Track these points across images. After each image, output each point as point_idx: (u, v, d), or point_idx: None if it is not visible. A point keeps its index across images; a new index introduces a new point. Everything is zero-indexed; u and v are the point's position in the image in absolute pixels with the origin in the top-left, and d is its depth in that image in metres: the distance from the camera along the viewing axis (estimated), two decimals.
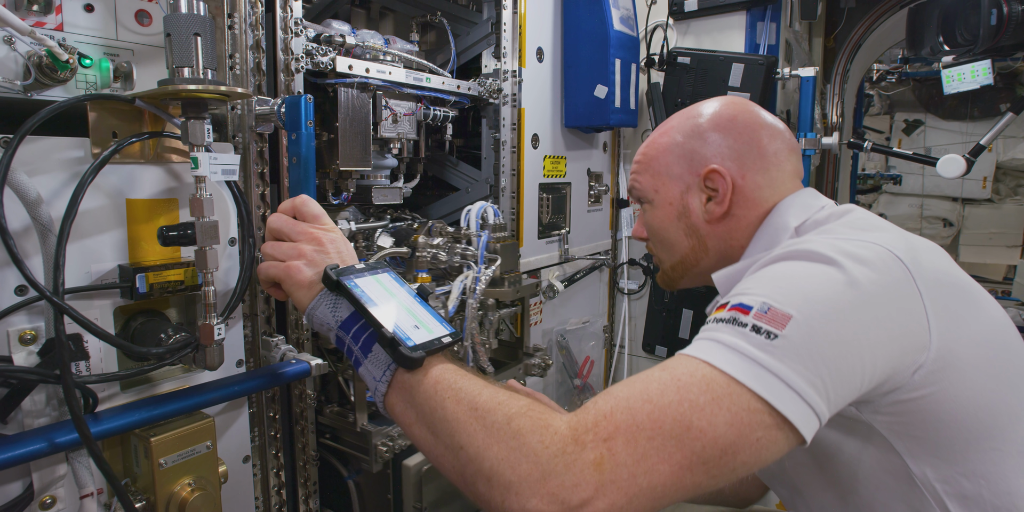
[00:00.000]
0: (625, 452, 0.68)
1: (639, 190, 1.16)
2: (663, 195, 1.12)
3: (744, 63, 2.21)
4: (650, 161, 1.14)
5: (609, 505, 0.66)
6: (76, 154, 0.93)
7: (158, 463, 0.96)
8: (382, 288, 0.92)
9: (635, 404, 0.71)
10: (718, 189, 1.06)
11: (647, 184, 1.14)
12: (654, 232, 1.17)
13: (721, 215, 1.06)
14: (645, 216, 1.18)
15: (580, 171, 2.29)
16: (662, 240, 1.16)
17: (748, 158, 1.06)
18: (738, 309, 0.78)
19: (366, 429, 1.35)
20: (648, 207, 1.16)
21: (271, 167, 1.24)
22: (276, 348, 1.22)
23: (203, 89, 0.85)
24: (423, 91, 1.67)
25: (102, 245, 0.97)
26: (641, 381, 0.74)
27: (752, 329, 0.75)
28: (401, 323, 0.85)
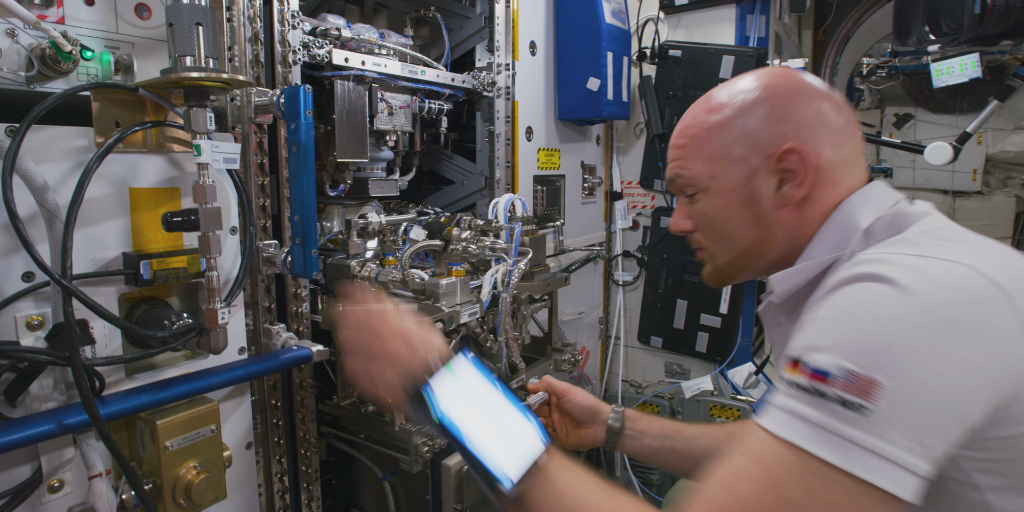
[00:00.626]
0: None
1: (688, 178, 1.01)
2: (723, 181, 0.98)
3: (734, 55, 2.24)
4: (701, 144, 0.99)
5: None
6: (80, 143, 0.95)
7: (164, 446, 0.98)
8: (468, 397, 0.89)
9: (728, 503, 0.70)
10: (795, 170, 0.93)
11: (700, 170, 0.99)
12: (710, 223, 1.02)
13: (799, 200, 0.94)
14: (694, 206, 1.03)
15: (574, 164, 2.31)
16: (719, 232, 1.02)
17: (821, 133, 0.94)
18: (818, 378, 0.71)
19: (405, 428, 1.31)
20: (701, 196, 1.01)
21: (270, 158, 1.26)
22: (277, 336, 1.24)
23: (205, 77, 0.87)
24: (418, 84, 1.69)
25: (106, 233, 0.98)
26: (732, 477, 0.72)
27: (838, 402, 0.69)
28: (494, 451, 0.84)
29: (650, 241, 2.52)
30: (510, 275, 1.46)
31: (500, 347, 1.52)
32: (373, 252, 1.48)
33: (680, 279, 2.44)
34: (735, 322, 2.37)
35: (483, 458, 0.83)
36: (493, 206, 1.62)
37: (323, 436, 1.50)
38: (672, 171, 1.04)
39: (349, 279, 1.41)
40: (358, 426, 1.41)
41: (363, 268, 1.38)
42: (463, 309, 1.36)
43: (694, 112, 1.02)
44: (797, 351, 0.76)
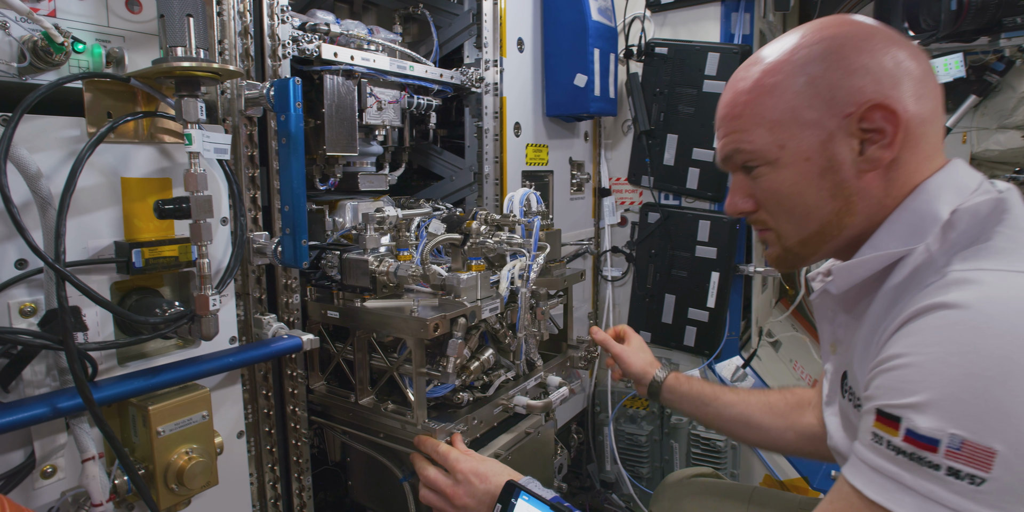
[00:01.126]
0: None
1: (750, 152, 0.91)
2: (794, 150, 0.87)
3: (719, 52, 2.27)
4: (763, 111, 0.88)
5: None
6: (72, 133, 0.96)
7: (156, 431, 0.99)
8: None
9: None
10: (882, 129, 0.83)
11: (764, 141, 0.89)
12: (779, 200, 0.92)
13: (888, 162, 0.84)
14: (757, 182, 0.93)
15: (562, 160, 2.34)
16: (791, 209, 0.91)
17: (903, 84, 0.82)
18: (925, 447, 0.64)
19: (428, 426, 1.29)
20: (766, 170, 0.91)
21: (260, 150, 1.28)
22: (268, 326, 1.25)
23: (196, 67, 0.89)
24: (407, 79, 1.71)
25: (98, 222, 1.00)
26: None
27: (948, 473, 0.63)
28: None
29: (638, 237, 2.54)
30: (529, 270, 1.44)
31: (520, 343, 1.50)
32: (386, 248, 1.46)
33: (668, 274, 2.47)
34: (722, 316, 2.40)
35: None
36: (508, 200, 1.60)
37: (339, 435, 1.48)
38: (729, 147, 0.94)
39: (365, 274, 1.35)
40: (377, 426, 1.38)
41: (381, 263, 1.36)
42: (484, 304, 1.35)
43: (746, 77, 0.91)
44: (892, 404, 0.68)
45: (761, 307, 2.69)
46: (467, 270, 1.37)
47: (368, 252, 1.38)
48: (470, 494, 1.14)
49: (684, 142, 2.37)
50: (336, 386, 1.52)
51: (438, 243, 1.39)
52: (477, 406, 1.41)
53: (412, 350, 1.27)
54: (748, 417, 1.40)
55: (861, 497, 0.69)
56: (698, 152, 2.35)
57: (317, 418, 1.48)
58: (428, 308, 1.27)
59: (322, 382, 1.52)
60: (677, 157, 2.39)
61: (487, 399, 1.44)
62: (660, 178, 2.44)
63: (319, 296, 1.45)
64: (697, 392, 1.46)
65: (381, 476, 1.44)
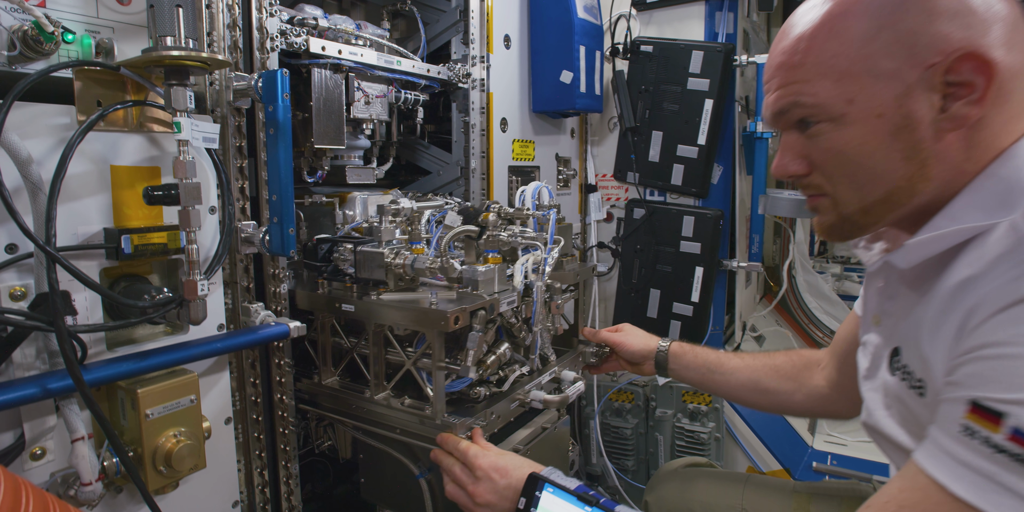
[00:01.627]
0: None
1: (812, 106, 0.81)
2: (865, 105, 0.77)
3: (703, 50, 2.31)
4: (830, 59, 0.78)
5: None
6: (63, 121, 0.98)
7: (145, 414, 1.01)
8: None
9: None
10: (970, 83, 0.73)
11: (829, 94, 0.79)
12: (843, 161, 0.82)
13: (974, 121, 0.74)
14: (815, 141, 0.83)
15: (548, 156, 2.37)
16: (855, 171, 0.81)
17: (993, 30, 0.73)
18: (1017, 438, 0.60)
19: (448, 421, 1.27)
20: (828, 127, 0.81)
21: (249, 141, 1.30)
22: (256, 314, 1.27)
23: (186, 56, 0.91)
24: (394, 74, 1.73)
25: (88, 209, 1.02)
26: None
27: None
28: None
29: (624, 232, 2.58)
30: (545, 263, 1.42)
31: (535, 338, 1.49)
32: (397, 241, 1.44)
33: (653, 269, 2.50)
34: (706, 310, 2.44)
35: None
36: (520, 193, 1.57)
37: (352, 431, 1.47)
38: (784, 100, 0.83)
39: (381, 266, 1.33)
40: (394, 421, 1.36)
41: (397, 255, 1.34)
42: (502, 297, 1.33)
43: (810, 20, 0.80)
44: (994, 398, 0.64)
45: (745, 302, 2.73)
46: (483, 263, 1.36)
47: (383, 245, 1.38)
48: (491, 491, 1.13)
49: (669, 139, 2.40)
50: (349, 381, 1.50)
51: (456, 235, 1.38)
52: (494, 401, 1.39)
53: (432, 343, 1.26)
54: (756, 382, 1.41)
55: (943, 491, 0.65)
56: (682, 149, 2.38)
57: (328, 414, 1.46)
58: (447, 301, 1.26)
59: (335, 377, 1.50)
60: (662, 154, 2.42)
61: (503, 394, 1.42)
62: (645, 174, 2.47)
63: (332, 288, 1.44)
64: (702, 360, 1.48)
65: (395, 473, 1.41)
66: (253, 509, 1.38)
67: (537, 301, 1.41)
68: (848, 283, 5.78)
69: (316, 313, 1.46)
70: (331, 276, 1.42)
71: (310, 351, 1.52)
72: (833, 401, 1.32)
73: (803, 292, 3.57)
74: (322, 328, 1.47)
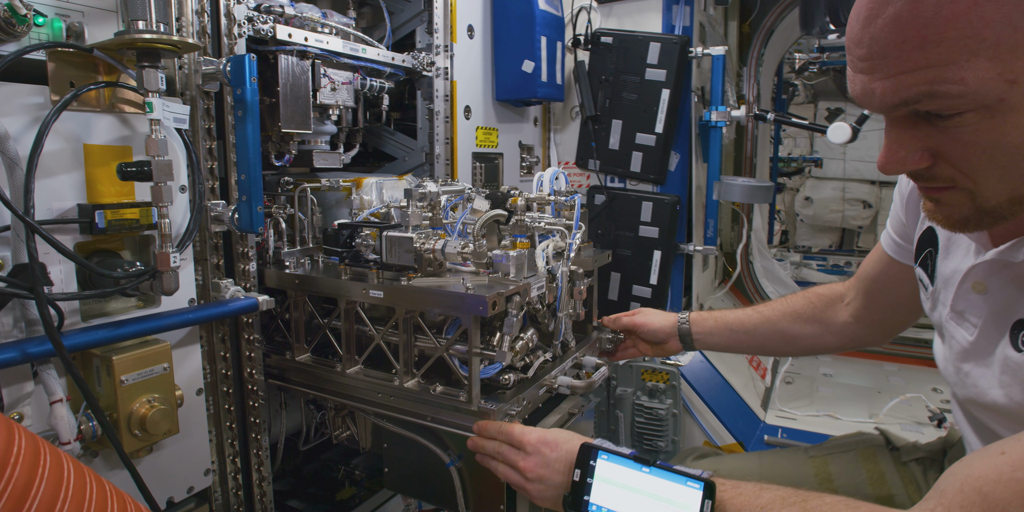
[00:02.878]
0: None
1: (960, 95, 0.63)
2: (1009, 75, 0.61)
3: (660, 42, 2.40)
4: (981, 29, 0.59)
5: None
6: (37, 100, 1.02)
7: (120, 380, 1.06)
8: (617, 492, 0.98)
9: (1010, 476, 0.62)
10: None
11: (984, 75, 0.61)
12: (995, 153, 0.67)
13: None
14: (957, 133, 0.68)
15: (512, 143, 2.44)
16: (1010, 165, 0.68)
17: None
18: None
19: (485, 408, 1.26)
20: (976, 118, 0.65)
21: (217, 124, 1.35)
22: (226, 289, 1.33)
23: (157, 39, 0.96)
24: (359, 61, 1.78)
25: (63, 185, 1.06)
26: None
27: None
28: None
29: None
30: (570, 248, 1.41)
31: (560, 323, 1.48)
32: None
33: (613, 253, 2.59)
34: (664, 292, 2.54)
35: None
36: (538, 179, 1.55)
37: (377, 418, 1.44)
38: (913, 90, 0.65)
39: (410, 252, 1.31)
40: (425, 409, 1.34)
41: (427, 240, 1.32)
42: (532, 283, 1.32)
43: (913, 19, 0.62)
44: None
45: (702, 284, 2.84)
46: (513, 248, 1.34)
47: (411, 229, 1.37)
48: (543, 464, 1.10)
49: (628, 127, 2.49)
50: (370, 368, 1.48)
51: (488, 220, 1.36)
52: (522, 388, 1.37)
53: (469, 329, 1.24)
54: (781, 332, 1.43)
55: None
56: (641, 137, 2.47)
57: (351, 402, 1.45)
58: (481, 286, 1.25)
59: (359, 366, 1.48)
60: (622, 141, 2.51)
61: (530, 381, 1.40)
62: (606, 162, 2.56)
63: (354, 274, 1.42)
64: (723, 323, 1.50)
65: (423, 462, 1.38)
66: (224, 478, 1.44)
67: (562, 287, 1.40)
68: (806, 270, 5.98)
69: (339, 300, 1.43)
70: (352, 262, 1.41)
71: (331, 338, 1.49)
72: (864, 334, 1.36)
73: (760, 277, 3.70)
74: (346, 315, 1.44)
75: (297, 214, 1.61)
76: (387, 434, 1.43)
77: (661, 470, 0.99)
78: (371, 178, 1.71)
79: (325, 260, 1.60)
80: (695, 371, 2.61)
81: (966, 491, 0.64)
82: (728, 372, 2.69)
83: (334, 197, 1.77)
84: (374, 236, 1.40)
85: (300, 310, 1.52)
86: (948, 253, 0.98)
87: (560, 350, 1.55)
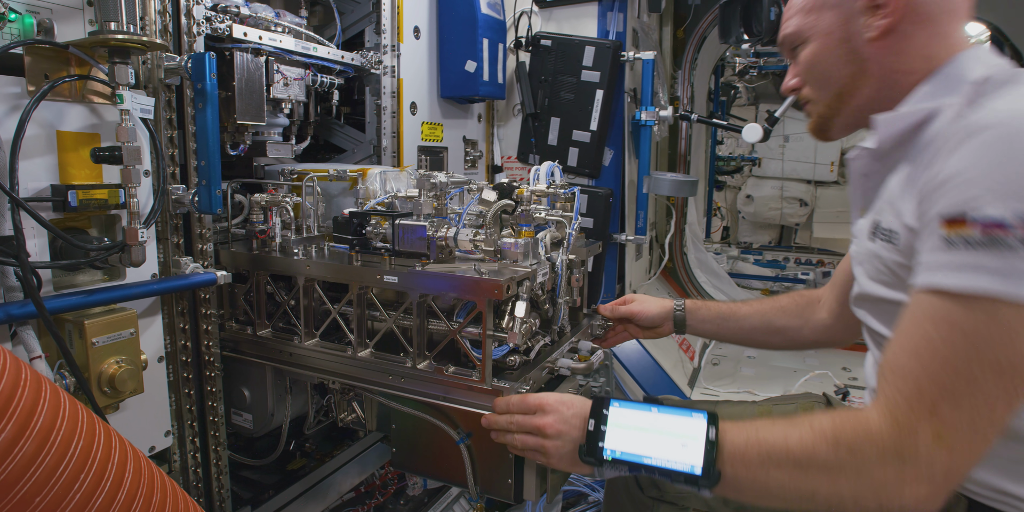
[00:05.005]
0: (952, 407, 0.74)
1: (794, 34, 1.15)
2: (821, 26, 1.10)
3: (595, 46, 2.59)
4: (802, 3, 1.14)
5: (961, 463, 0.76)
6: (13, 90, 1.14)
7: (91, 342, 1.19)
8: (632, 433, 1.04)
9: (931, 369, 0.77)
10: (887, 5, 1.01)
11: (803, 23, 1.13)
12: (811, 68, 1.13)
13: (887, 29, 1.01)
14: (800, 60, 1.15)
15: (456, 138, 2.60)
16: (819, 75, 1.12)
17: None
18: (994, 227, 0.75)
19: (498, 386, 1.31)
20: (802, 48, 1.14)
21: (177, 115, 1.47)
22: (185, 265, 1.46)
23: (129, 39, 1.09)
24: (311, 59, 1.92)
25: (38, 168, 1.18)
26: (925, 345, 0.79)
27: (1022, 242, 0.73)
28: (675, 456, 0.97)
29: None
30: (569, 238, 1.50)
31: (559, 310, 1.55)
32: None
33: None
34: (599, 279, 2.74)
35: (667, 466, 0.97)
36: (535, 172, 1.62)
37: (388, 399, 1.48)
38: (783, 33, 1.18)
39: (422, 239, 1.37)
40: (437, 389, 1.40)
41: (439, 229, 1.38)
42: (538, 269, 1.38)
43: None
44: (954, 207, 0.79)
45: (634, 272, 3.06)
46: (519, 236, 1.41)
47: (422, 218, 1.45)
48: (561, 421, 1.15)
49: (565, 124, 2.68)
50: (386, 351, 1.52)
51: (499, 209, 1.42)
52: (526, 370, 1.42)
53: (484, 312, 1.30)
54: (768, 323, 1.59)
55: (945, 297, 0.78)
56: (577, 134, 2.67)
57: (360, 384, 1.51)
58: (493, 272, 1.31)
59: (368, 350, 1.52)
60: (559, 138, 2.70)
61: (532, 363, 1.46)
62: (545, 156, 2.73)
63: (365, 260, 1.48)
64: (716, 312, 1.65)
65: (431, 441, 1.43)
66: (183, 441, 1.56)
67: (562, 274, 1.48)
68: (741, 263, 6.30)
69: (351, 286, 1.48)
70: (362, 249, 1.48)
71: (341, 324, 1.55)
72: (835, 330, 1.50)
73: (693, 268, 3.95)
74: (358, 300, 1.50)
75: (304, 203, 1.69)
76: (396, 415, 1.48)
77: (668, 407, 1.07)
78: (375, 169, 1.78)
79: (331, 249, 1.64)
80: (627, 352, 2.82)
81: (892, 381, 0.82)
82: (658, 354, 2.91)
83: (337, 187, 1.85)
84: (383, 224, 1.48)
85: (309, 297, 1.58)
86: None
87: (557, 335, 1.62)
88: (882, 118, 1.02)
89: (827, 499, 0.85)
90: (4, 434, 0.71)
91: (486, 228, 1.37)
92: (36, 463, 0.74)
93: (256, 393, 1.75)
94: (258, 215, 1.65)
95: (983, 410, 0.76)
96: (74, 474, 0.77)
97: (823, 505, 0.86)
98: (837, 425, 0.85)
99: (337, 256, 1.57)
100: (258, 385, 1.74)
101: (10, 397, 0.73)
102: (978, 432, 0.76)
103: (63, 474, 0.76)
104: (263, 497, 1.91)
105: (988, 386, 0.75)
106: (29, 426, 0.74)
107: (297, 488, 1.98)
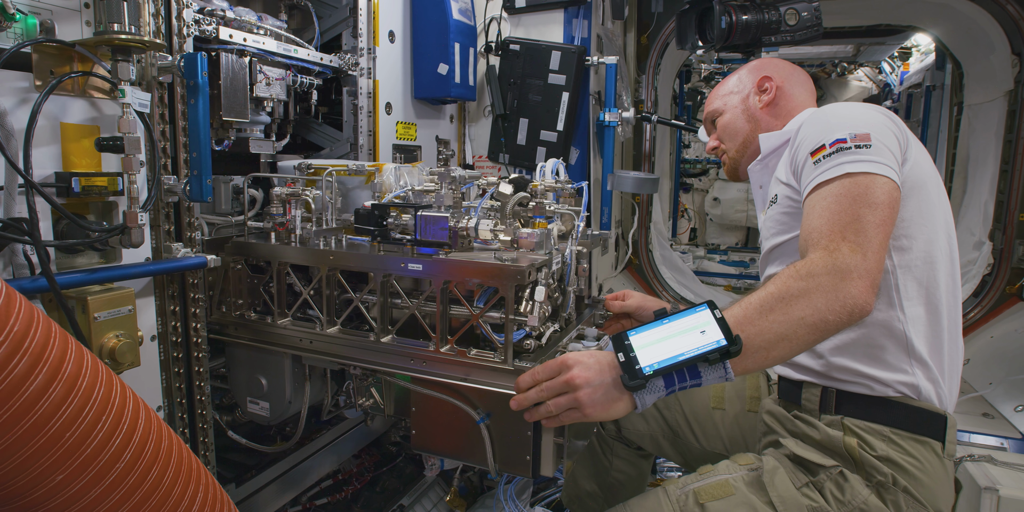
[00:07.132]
0: (855, 233, 1.16)
1: (715, 110, 1.74)
2: (731, 103, 1.70)
3: (561, 51, 2.74)
4: (718, 91, 1.75)
5: (873, 263, 1.13)
6: (23, 84, 1.25)
7: (94, 316, 1.29)
8: (654, 346, 1.16)
9: (833, 219, 1.19)
10: (768, 88, 1.64)
11: (719, 103, 1.73)
12: (724, 129, 1.71)
13: (769, 101, 1.63)
14: (718, 126, 1.73)
15: (429, 137, 2.73)
16: (730, 132, 1.70)
17: (783, 75, 1.66)
18: (838, 143, 1.27)
19: (520, 366, 1.36)
20: (721, 118, 1.72)
21: (169, 110, 1.58)
22: (177, 251, 1.56)
23: (131, 39, 1.20)
24: (291, 60, 2.04)
25: (43, 156, 1.28)
26: (824, 210, 1.21)
27: (856, 148, 1.25)
28: (700, 342, 1.13)
29: None
30: (577, 229, 1.60)
31: (568, 298, 1.64)
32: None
33: None
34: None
35: (699, 352, 1.11)
36: (540, 169, 1.71)
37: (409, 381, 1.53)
38: (705, 113, 1.81)
39: (444, 230, 1.43)
40: (460, 371, 1.46)
41: (461, 219, 1.44)
42: (553, 258, 1.46)
43: (717, 88, 1.78)
44: (814, 145, 1.31)
45: (601, 267, 3.21)
46: (533, 227, 1.49)
47: (444, 209, 1.51)
48: (585, 368, 1.18)
49: (533, 125, 2.83)
50: (404, 337, 1.58)
51: (516, 202, 1.50)
52: (539, 353, 1.47)
53: (507, 297, 1.36)
54: None
55: (828, 183, 1.24)
56: (545, 134, 2.81)
57: (382, 368, 1.56)
58: (514, 260, 1.39)
59: (391, 336, 1.58)
60: (528, 138, 2.85)
61: (545, 347, 1.51)
62: (514, 156, 2.88)
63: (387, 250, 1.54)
64: None
65: (451, 422, 1.47)
66: (172, 417, 1.66)
67: (571, 264, 1.58)
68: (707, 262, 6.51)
69: (375, 275, 1.52)
70: (384, 239, 1.54)
71: (364, 314, 1.62)
72: None
73: (659, 264, 4.12)
74: (383, 288, 1.55)
75: (324, 196, 1.77)
76: (416, 398, 1.53)
77: (674, 315, 1.20)
78: (390, 164, 1.85)
79: (348, 241, 1.69)
80: None
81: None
82: None
83: (351, 182, 1.93)
84: (402, 216, 1.54)
85: (332, 286, 1.64)
86: None
87: (564, 323, 1.68)
88: (763, 136, 1.60)
89: (812, 317, 1.10)
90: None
91: (505, 219, 1.46)
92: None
93: (274, 381, 1.79)
94: (278, 208, 1.70)
95: (872, 229, 1.17)
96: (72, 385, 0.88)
97: (811, 324, 1.11)
98: (792, 269, 1.16)
99: (357, 247, 1.63)
100: (276, 373, 1.78)
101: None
102: (874, 242, 1.16)
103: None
104: (246, 476, 2.01)
105: (868, 216, 1.18)
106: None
107: (278, 469, 2.09)
